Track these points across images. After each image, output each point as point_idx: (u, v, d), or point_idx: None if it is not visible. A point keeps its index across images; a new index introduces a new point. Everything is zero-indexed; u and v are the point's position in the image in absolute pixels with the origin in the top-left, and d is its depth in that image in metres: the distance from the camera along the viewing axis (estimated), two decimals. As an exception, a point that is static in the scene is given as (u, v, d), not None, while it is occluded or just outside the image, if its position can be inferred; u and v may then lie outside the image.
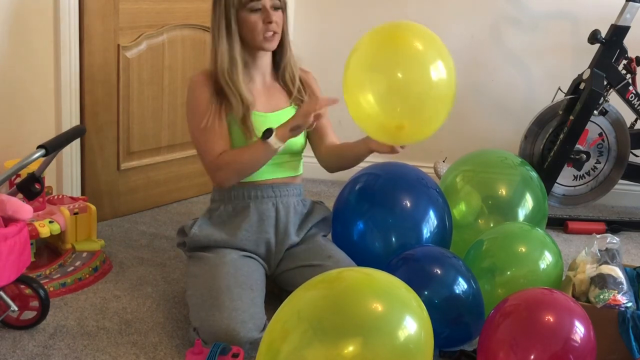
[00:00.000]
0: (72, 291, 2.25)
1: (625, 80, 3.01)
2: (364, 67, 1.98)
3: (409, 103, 1.94)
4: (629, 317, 1.91)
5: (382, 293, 1.58)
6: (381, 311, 1.54)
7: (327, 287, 1.60)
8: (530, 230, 2.27)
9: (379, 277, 1.65)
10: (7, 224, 1.90)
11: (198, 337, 1.90)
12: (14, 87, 2.44)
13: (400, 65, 1.94)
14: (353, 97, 1.97)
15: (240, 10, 2.10)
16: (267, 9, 2.08)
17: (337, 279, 1.64)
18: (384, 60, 1.96)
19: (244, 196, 2.16)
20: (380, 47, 1.99)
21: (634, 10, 2.93)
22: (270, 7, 2.09)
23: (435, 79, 1.95)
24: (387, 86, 1.93)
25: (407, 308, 1.57)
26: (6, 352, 1.91)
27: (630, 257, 2.81)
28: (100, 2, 2.59)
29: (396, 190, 2.31)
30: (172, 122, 2.93)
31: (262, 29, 2.10)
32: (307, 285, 1.64)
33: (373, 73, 1.95)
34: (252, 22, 2.09)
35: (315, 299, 1.57)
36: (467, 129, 3.43)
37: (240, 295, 1.95)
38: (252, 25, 2.10)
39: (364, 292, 1.57)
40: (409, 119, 1.96)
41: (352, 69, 1.98)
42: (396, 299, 1.59)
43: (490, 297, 2.06)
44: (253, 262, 2.12)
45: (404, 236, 2.23)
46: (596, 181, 3.14)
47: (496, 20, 3.33)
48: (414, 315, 1.56)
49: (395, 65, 1.94)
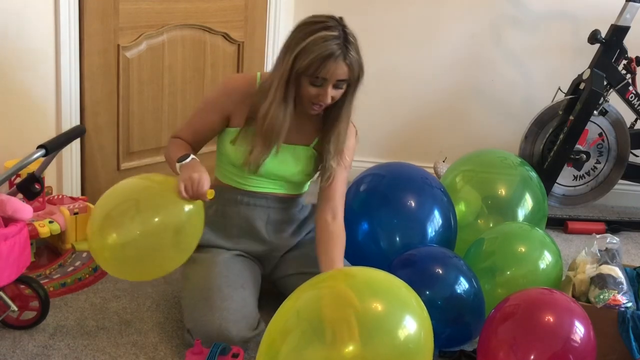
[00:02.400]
0: (72, 291, 2.25)
1: (625, 80, 3.01)
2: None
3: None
4: (629, 317, 1.91)
5: (382, 292, 1.58)
6: (381, 311, 1.54)
7: (327, 287, 1.60)
8: (530, 230, 2.27)
9: (379, 277, 1.65)
10: (7, 224, 1.90)
11: (192, 339, 1.90)
12: (14, 87, 2.44)
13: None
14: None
15: (303, 75, 1.94)
16: (327, 91, 1.94)
17: (337, 278, 1.64)
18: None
19: (235, 201, 2.14)
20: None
21: (634, 10, 2.93)
22: (333, 86, 1.94)
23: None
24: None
25: (407, 307, 1.57)
26: (6, 352, 1.91)
27: (630, 257, 2.81)
28: (100, 2, 2.58)
29: (401, 190, 2.31)
30: (172, 122, 2.92)
31: (311, 102, 1.98)
32: (307, 285, 1.63)
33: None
34: (307, 92, 1.96)
35: (315, 299, 1.57)
36: (467, 129, 3.43)
37: (231, 295, 1.95)
38: (305, 94, 1.96)
39: (364, 292, 1.57)
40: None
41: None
42: (396, 299, 1.59)
43: (490, 297, 2.06)
44: (246, 261, 2.12)
45: (408, 236, 2.23)
46: (596, 181, 3.14)
47: (496, 20, 3.33)
48: (414, 314, 1.56)
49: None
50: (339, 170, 2.10)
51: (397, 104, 3.44)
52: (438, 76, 3.40)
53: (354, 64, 1.93)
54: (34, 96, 2.51)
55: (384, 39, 3.37)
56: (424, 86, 3.42)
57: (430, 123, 3.46)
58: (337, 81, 1.94)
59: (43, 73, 2.51)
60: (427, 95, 3.43)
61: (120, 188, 1.96)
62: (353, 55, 1.93)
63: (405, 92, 3.43)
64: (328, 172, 2.09)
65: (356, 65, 1.94)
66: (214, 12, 2.94)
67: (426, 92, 3.43)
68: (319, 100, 1.96)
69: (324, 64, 1.90)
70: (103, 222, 1.88)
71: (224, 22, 2.97)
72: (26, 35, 2.43)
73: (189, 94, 2.92)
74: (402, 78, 3.41)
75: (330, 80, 1.93)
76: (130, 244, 1.84)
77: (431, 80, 3.41)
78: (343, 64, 1.91)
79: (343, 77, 1.94)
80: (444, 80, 3.41)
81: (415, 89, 3.42)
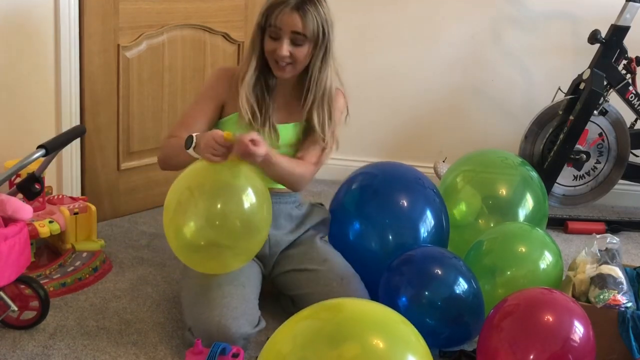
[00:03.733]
0: (72, 291, 2.25)
1: (625, 80, 3.01)
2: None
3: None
4: (629, 317, 1.91)
5: (380, 328, 1.51)
6: (382, 348, 1.47)
7: (326, 319, 1.53)
8: (530, 230, 2.27)
9: (376, 311, 1.58)
10: (7, 224, 1.90)
11: (193, 337, 1.90)
12: (14, 87, 2.44)
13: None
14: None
15: (265, 32, 2.08)
16: (283, 42, 2.04)
17: (337, 309, 1.57)
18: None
19: None
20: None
21: (634, 10, 2.93)
22: (288, 41, 2.04)
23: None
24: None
25: (407, 345, 1.50)
26: (6, 352, 1.91)
27: (630, 257, 2.81)
28: (100, 2, 2.58)
29: (393, 190, 2.31)
30: (172, 122, 2.92)
31: (274, 61, 2.08)
32: (306, 313, 1.58)
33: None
34: (268, 48, 2.08)
35: (313, 330, 1.51)
36: (467, 129, 3.43)
37: (230, 292, 1.95)
38: (267, 50, 2.08)
39: (362, 327, 1.50)
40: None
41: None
42: (396, 335, 1.51)
43: (490, 297, 2.06)
44: None
45: (401, 236, 2.23)
46: (596, 181, 3.14)
47: (496, 20, 3.33)
48: (414, 352, 1.49)
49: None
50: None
51: (397, 104, 3.44)
52: (438, 76, 3.40)
53: (310, 18, 2.02)
54: (34, 96, 2.51)
55: (384, 38, 3.37)
56: (424, 86, 3.42)
57: (430, 123, 3.46)
58: (293, 34, 2.03)
59: (43, 73, 2.51)
60: (427, 95, 3.43)
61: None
62: (309, 10, 2.01)
63: (405, 91, 3.43)
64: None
65: (313, 21, 2.03)
66: (214, 12, 2.95)
67: (426, 91, 3.43)
68: (277, 54, 2.04)
69: (276, 10, 2.02)
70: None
71: (224, 22, 2.97)
72: (26, 35, 2.43)
73: (189, 94, 2.92)
74: (402, 78, 3.41)
75: (285, 31, 2.02)
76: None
77: (431, 80, 3.41)
78: (296, 15, 2.01)
79: (297, 29, 2.02)
80: (444, 79, 3.41)
81: (415, 89, 3.42)
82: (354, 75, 3.40)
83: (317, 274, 2.10)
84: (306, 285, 2.10)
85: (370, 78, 3.37)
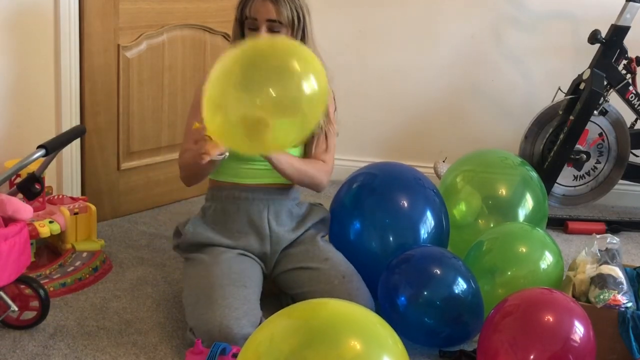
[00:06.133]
0: (72, 291, 2.25)
1: (625, 80, 3.01)
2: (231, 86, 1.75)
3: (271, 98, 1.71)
4: (629, 317, 1.91)
5: (357, 330, 1.51)
6: (358, 349, 1.47)
7: (303, 319, 1.53)
8: (530, 231, 2.27)
9: (356, 312, 1.58)
10: (7, 224, 1.90)
11: (195, 337, 1.90)
12: (14, 87, 2.44)
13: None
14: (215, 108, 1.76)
15: (244, 26, 2.11)
16: (261, 31, 2.06)
17: (316, 310, 1.58)
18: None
19: (234, 197, 2.16)
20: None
21: (634, 10, 2.93)
22: (266, 29, 2.06)
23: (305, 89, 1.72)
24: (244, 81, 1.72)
25: (382, 348, 1.50)
26: (6, 352, 1.91)
27: (630, 257, 2.81)
28: (100, 2, 2.58)
29: (393, 190, 2.31)
30: (172, 122, 2.93)
31: None
32: (286, 312, 1.58)
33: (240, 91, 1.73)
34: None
35: (290, 330, 1.51)
36: (467, 129, 3.43)
37: (232, 293, 1.95)
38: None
39: (339, 328, 1.49)
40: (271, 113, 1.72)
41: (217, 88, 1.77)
42: (372, 337, 1.51)
43: (490, 297, 2.06)
44: (247, 259, 2.13)
45: (401, 236, 2.23)
46: (596, 181, 3.14)
47: (496, 20, 3.33)
48: (390, 354, 1.50)
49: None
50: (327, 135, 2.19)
51: (397, 104, 3.44)
52: (438, 76, 3.40)
53: (283, 4, 2.05)
54: (34, 96, 2.51)
55: (384, 38, 3.37)
56: (424, 86, 3.42)
57: (430, 123, 3.46)
58: (269, 22, 2.05)
59: (43, 73, 2.51)
60: (427, 95, 3.43)
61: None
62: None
63: (405, 91, 3.43)
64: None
65: (286, 7, 2.06)
66: (214, 12, 2.95)
67: (426, 91, 3.43)
68: None
69: (249, 2, 2.05)
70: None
71: (224, 22, 2.97)
72: (26, 35, 2.43)
73: (189, 94, 2.92)
74: (402, 78, 3.41)
75: (260, 20, 2.05)
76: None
77: (431, 80, 3.41)
78: (268, 3, 2.04)
79: (272, 16, 2.04)
80: (444, 80, 3.41)
81: (415, 89, 3.42)
82: (354, 75, 3.43)
83: (319, 273, 2.11)
84: (307, 284, 2.11)
85: (370, 78, 3.37)
